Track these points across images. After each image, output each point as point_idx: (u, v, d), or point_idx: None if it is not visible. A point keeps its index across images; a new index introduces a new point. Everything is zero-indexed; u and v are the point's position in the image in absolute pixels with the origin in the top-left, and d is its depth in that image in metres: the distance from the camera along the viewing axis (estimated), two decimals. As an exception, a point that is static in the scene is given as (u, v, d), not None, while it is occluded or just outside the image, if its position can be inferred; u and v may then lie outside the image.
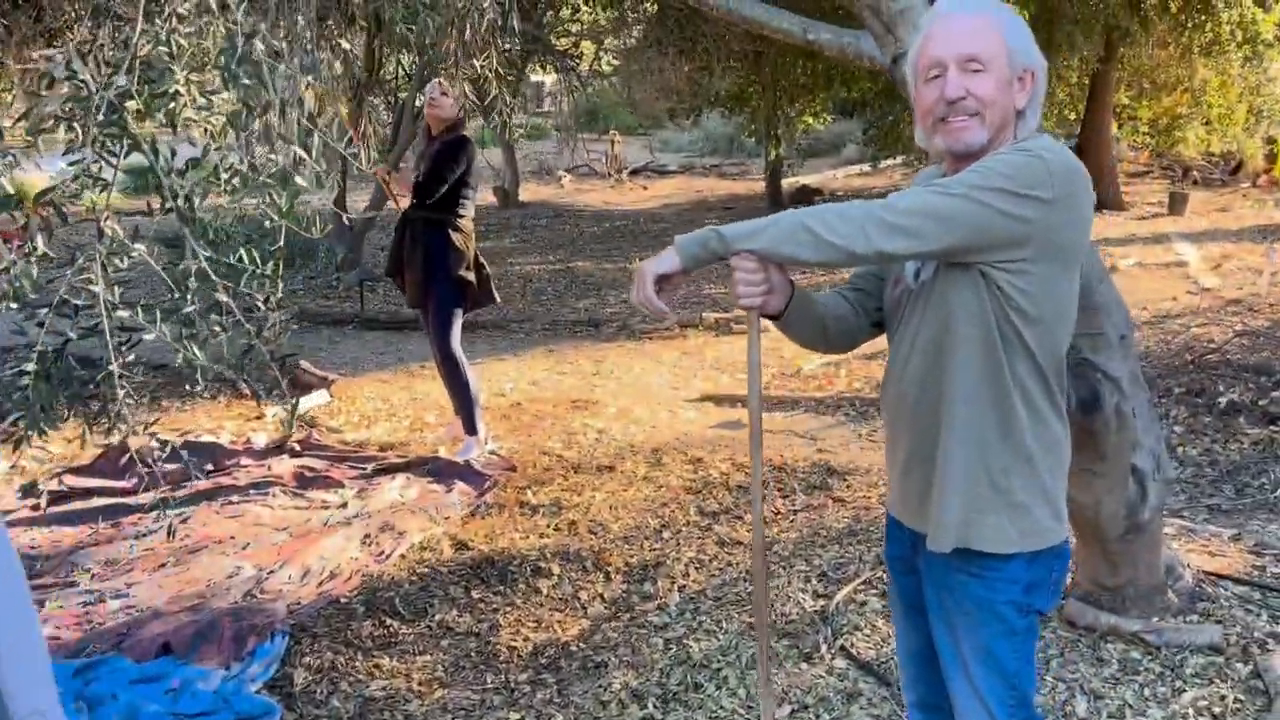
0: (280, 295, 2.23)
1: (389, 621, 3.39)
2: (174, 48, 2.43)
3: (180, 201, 2.14)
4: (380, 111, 9.80)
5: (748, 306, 1.80)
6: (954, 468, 1.77)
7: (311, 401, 5.80)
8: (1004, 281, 1.70)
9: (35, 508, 4.21)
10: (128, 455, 4.76)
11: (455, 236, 4.79)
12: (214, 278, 2.09)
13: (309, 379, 6.08)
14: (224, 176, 2.22)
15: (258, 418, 5.57)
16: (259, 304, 2.19)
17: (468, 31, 4.09)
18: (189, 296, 2.13)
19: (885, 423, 1.98)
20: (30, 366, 2.07)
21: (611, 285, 9.27)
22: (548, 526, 4.08)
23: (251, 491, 4.38)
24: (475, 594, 3.57)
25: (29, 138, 2.47)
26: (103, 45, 2.99)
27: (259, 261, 2.16)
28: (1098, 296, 2.39)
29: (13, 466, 4.66)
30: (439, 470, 4.62)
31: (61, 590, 3.50)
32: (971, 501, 1.77)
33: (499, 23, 3.80)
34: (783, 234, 1.70)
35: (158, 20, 2.62)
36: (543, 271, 9.92)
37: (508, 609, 3.48)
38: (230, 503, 4.28)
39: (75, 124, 2.29)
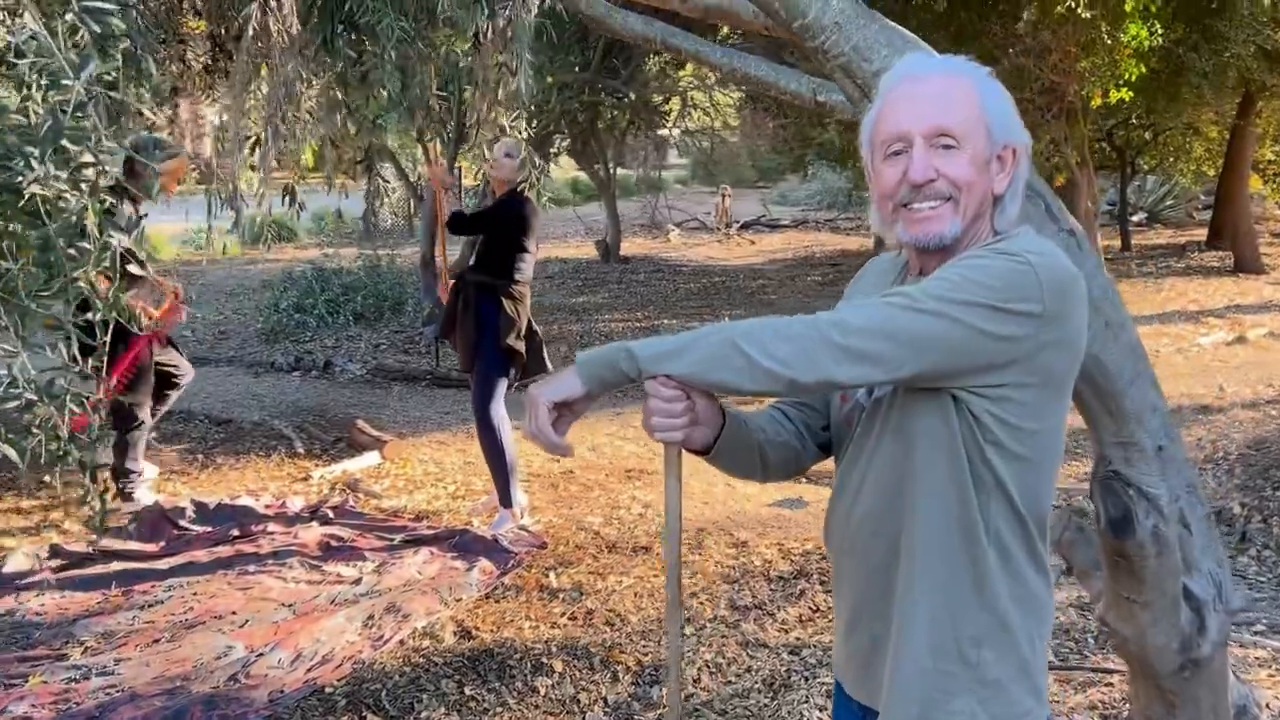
0: (98, 397, 2.02)
1: (369, 719, 3.16)
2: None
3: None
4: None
5: (665, 441, 1.47)
6: (913, 634, 1.44)
7: (360, 463, 5.68)
8: (980, 409, 1.38)
9: (57, 569, 4.16)
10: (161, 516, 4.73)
11: (507, 304, 4.60)
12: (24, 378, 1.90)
13: (364, 439, 5.98)
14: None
15: (304, 479, 5.48)
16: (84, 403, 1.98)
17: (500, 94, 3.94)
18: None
19: (832, 566, 1.65)
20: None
21: (694, 345, 9.01)
22: (562, 615, 3.80)
23: (270, 561, 4.24)
24: (468, 690, 3.31)
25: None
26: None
27: (77, 359, 1.96)
28: (1128, 401, 2.02)
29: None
30: (466, 545, 4.40)
31: (51, 664, 3.38)
32: (934, 680, 1.42)
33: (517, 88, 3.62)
34: (709, 356, 1.37)
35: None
36: (625, 329, 9.72)
37: (499, 710, 3.21)
38: (246, 572, 4.14)
39: None
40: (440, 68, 3.86)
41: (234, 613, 3.78)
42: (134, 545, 4.48)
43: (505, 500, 4.66)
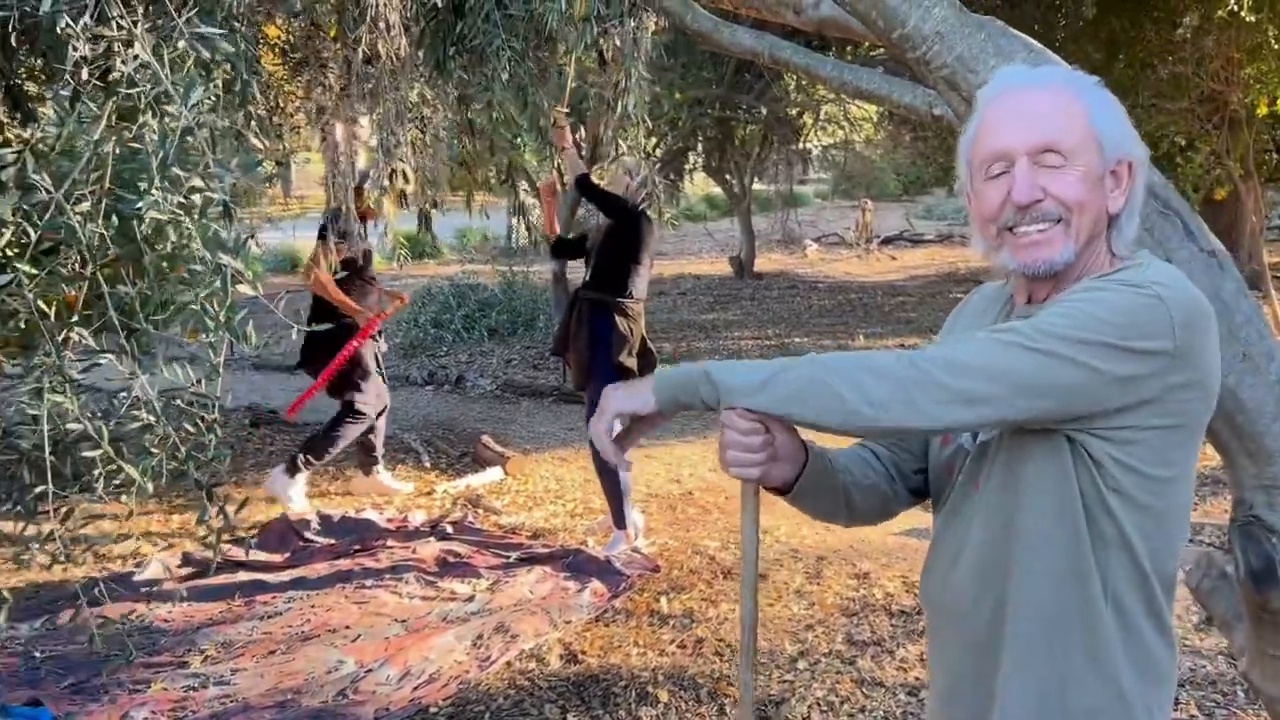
0: (216, 416, 2.03)
1: (471, 741, 3.15)
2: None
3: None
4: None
5: (741, 478, 1.39)
6: (1018, 708, 1.31)
7: (483, 479, 5.73)
8: (1102, 453, 1.24)
9: (186, 578, 4.31)
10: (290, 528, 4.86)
11: (620, 321, 4.57)
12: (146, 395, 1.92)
13: (488, 454, 6.03)
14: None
15: (428, 493, 5.56)
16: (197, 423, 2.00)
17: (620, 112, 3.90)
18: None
19: (927, 624, 1.52)
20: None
21: (825, 364, 8.80)
22: (671, 642, 3.71)
23: (387, 576, 4.30)
24: (571, 716, 3.25)
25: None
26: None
27: (194, 379, 1.98)
28: (1270, 440, 1.81)
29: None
30: (579, 565, 4.37)
31: (172, 671, 3.49)
32: None
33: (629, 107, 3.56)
34: (796, 393, 1.27)
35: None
36: (755, 347, 9.59)
37: (601, 739, 3.15)
38: (363, 586, 4.20)
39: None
40: (562, 88, 3.83)
41: (348, 627, 3.83)
42: (261, 556, 4.61)
43: (619, 521, 4.61)
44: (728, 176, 14.09)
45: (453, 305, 10.62)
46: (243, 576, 4.33)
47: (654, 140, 10.34)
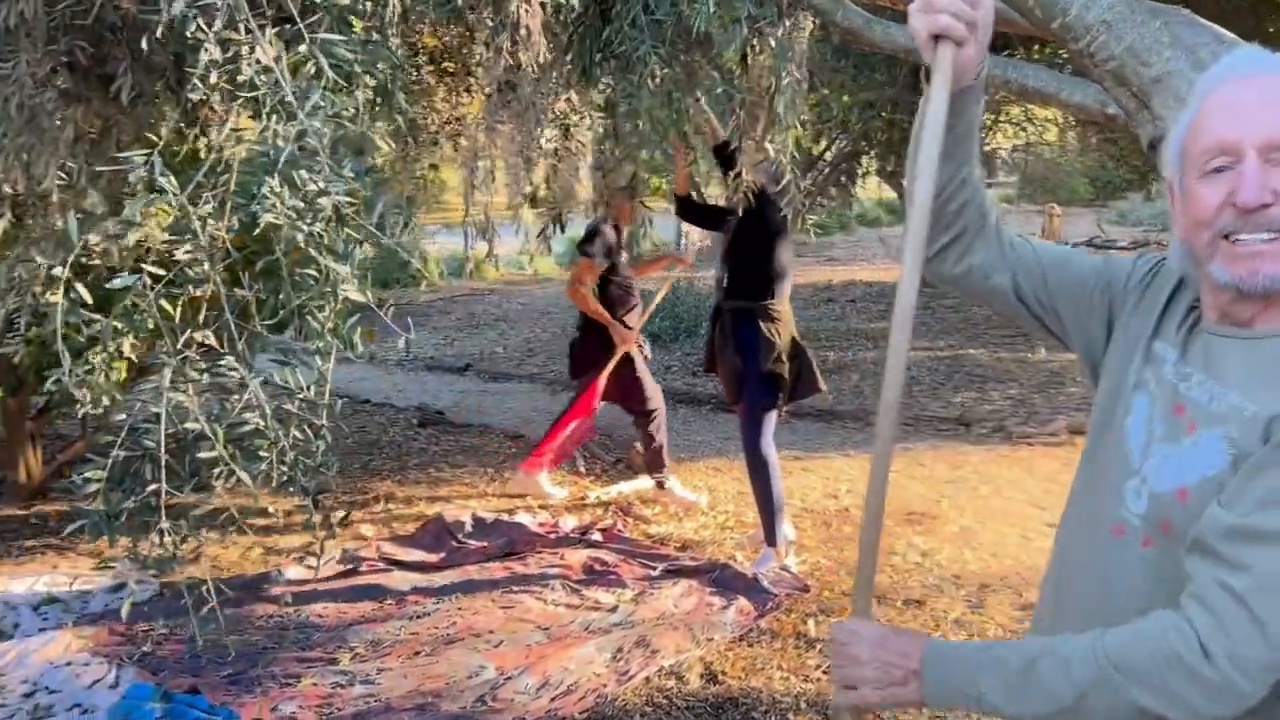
0: (323, 423, 2.01)
1: (603, 758, 3.07)
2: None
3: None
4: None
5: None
6: None
7: (635, 486, 5.68)
8: None
9: (346, 574, 4.43)
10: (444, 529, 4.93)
11: (765, 326, 4.42)
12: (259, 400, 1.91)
13: (641, 462, 5.97)
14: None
15: (580, 499, 5.55)
16: (307, 429, 1.98)
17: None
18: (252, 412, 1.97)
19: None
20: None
21: (999, 379, 8.35)
22: (817, 668, 3.54)
23: (534, 581, 4.29)
24: (707, 740, 3.14)
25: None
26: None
27: (303, 385, 1.96)
28: None
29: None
30: (725, 581, 4.24)
31: (323, 667, 3.57)
32: None
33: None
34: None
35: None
36: (926, 358, 9.20)
37: (736, 766, 3.02)
38: (510, 591, 4.21)
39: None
40: (709, 92, 3.73)
41: (491, 631, 3.83)
42: (418, 555, 4.69)
43: (770, 538, 4.46)
44: (904, 181, 13.64)
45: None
46: (397, 576, 4.41)
47: (822, 143, 10.09)
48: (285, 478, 2.13)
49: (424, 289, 13.70)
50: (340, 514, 2.44)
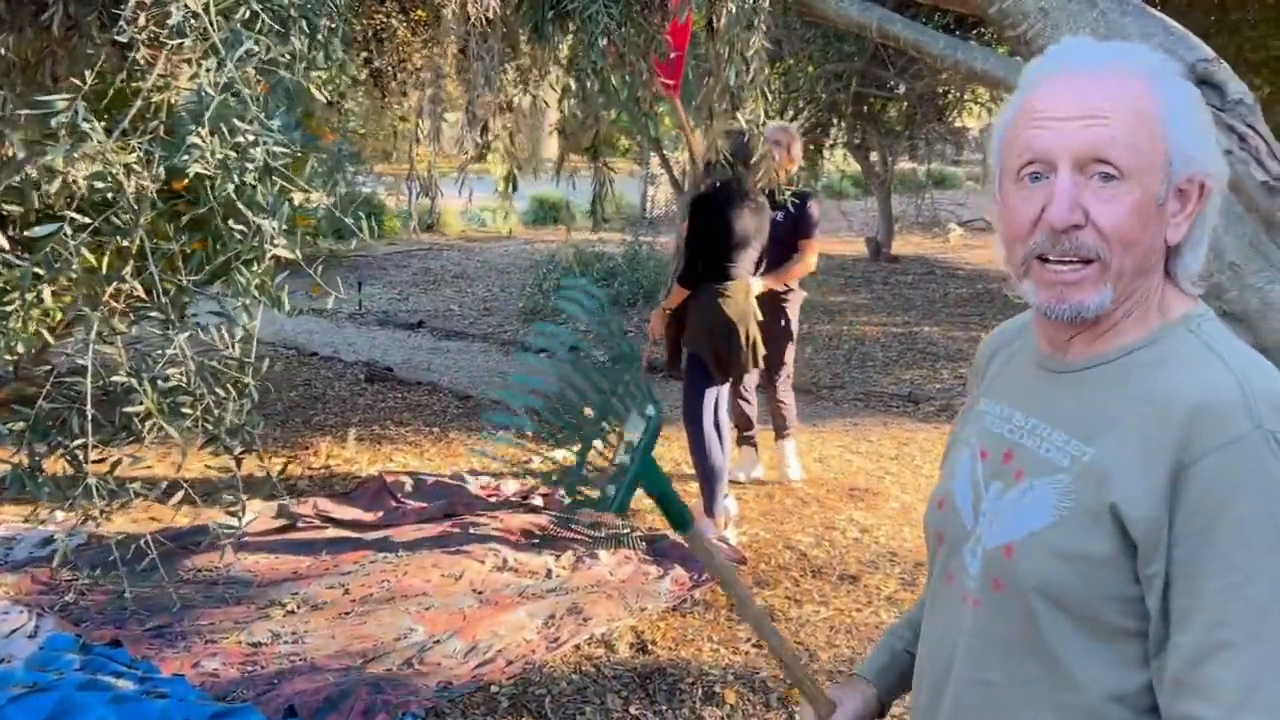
0: (252, 380, 1.96)
1: (528, 724, 3.07)
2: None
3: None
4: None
5: None
6: None
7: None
8: None
9: (282, 530, 4.38)
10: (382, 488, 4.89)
11: (707, 300, 4.38)
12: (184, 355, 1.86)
13: (589, 427, 5.96)
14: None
15: (525, 462, 5.51)
16: (228, 387, 1.93)
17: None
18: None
19: None
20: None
21: (951, 358, 8.41)
22: (747, 640, 3.56)
23: (472, 544, 4.26)
24: (633, 709, 3.15)
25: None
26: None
27: (229, 342, 1.91)
28: None
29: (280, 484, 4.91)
30: (663, 550, 4.25)
31: (250, 624, 3.53)
32: None
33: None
34: None
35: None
36: (880, 334, 9.24)
37: (661, 736, 3.03)
38: (445, 552, 4.18)
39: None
40: (664, 56, 3.67)
41: (424, 594, 3.81)
42: (354, 513, 4.65)
43: (709, 509, 4.46)
44: (869, 154, 13.63)
45: (576, 273, 10.60)
46: (333, 533, 4.37)
47: (790, 114, 10.03)
48: (209, 435, 2.09)
49: (381, 242, 13.51)
50: (278, 467, 2.39)
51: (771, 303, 4.94)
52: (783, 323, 5.13)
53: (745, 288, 4.45)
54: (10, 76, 2.89)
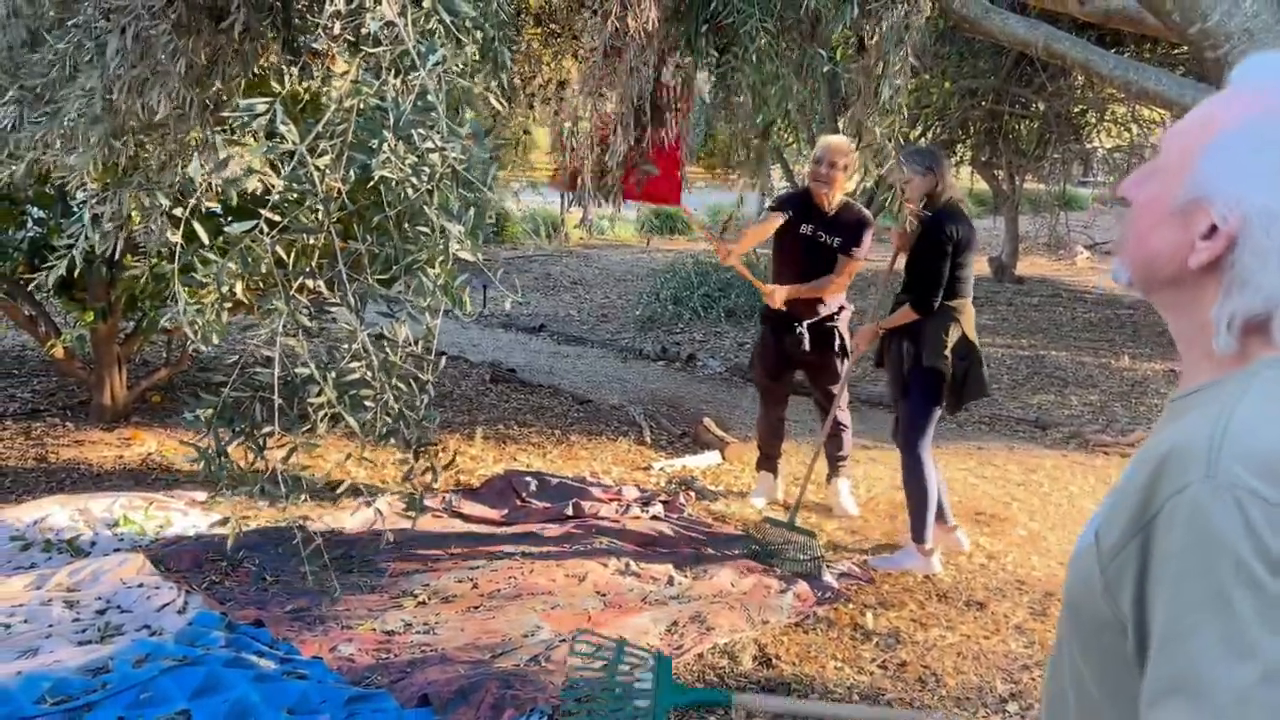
0: (431, 378, 2.03)
1: (652, 730, 3.09)
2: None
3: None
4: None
5: None
6: None
7: (700, 461, 5.68)
8: None
9: (412, 523, 4.50)
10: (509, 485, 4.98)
11: (936, 325, 4.24)
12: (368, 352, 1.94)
13: (708, 437, 5.98)
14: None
15: (645, 468, 5.57)
16: (412, 383, 2.00)
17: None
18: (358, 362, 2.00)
19: None
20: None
21: (1080, 383, 8.17)
22: (872, 661, 3.53)
23: (594, 547, 4.32)
24: (758, 722, 3.15)
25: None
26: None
27: (411, 340, 1.98)
28: None
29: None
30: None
31: (384, 613, 3.64)
32: None
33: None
34: None
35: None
36: (1006, 356, 9.03)
37: (784, 751, 3.02)
38: (571, 553, 4.24)
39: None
40: (816, 71, 3.67)
41: (550, 593, 3.87)
42: (481, 509, 4.75)
43: (918, 535, 4.35)
44: (996, 172, 13.33)
45: (693, 283, 10.64)
46: (461, 528, 4.47)
47: (918, 130, 9.89)
48: (388, 429, 2.17)
49: (503, 247, 13.79)
50: (446, 459, 2.49)
51: (818, 325, 4.85)
52: (837, 345, 4.95)
53: (972, 309, 4.35)
54: (189, 76, 3.06)
